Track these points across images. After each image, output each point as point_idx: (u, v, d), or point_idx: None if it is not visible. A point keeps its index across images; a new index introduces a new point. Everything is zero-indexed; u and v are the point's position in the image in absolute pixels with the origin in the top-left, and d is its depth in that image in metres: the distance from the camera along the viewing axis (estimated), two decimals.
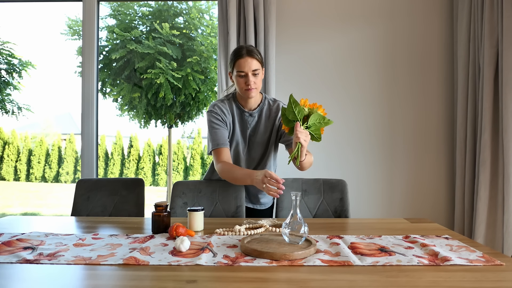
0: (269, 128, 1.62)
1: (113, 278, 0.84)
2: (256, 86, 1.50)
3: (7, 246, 1.08)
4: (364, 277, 0.84)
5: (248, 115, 1.60)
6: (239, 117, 1.61)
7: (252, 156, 1.66)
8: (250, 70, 1.47)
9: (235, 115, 1.60)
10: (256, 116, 1.61)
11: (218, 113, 1.56)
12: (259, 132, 1.62)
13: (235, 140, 1.63)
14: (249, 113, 1.60)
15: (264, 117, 1.61)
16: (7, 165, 10.04)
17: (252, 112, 1.60)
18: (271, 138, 1.64)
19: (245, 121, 1.61)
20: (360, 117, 2.46)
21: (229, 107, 1.60)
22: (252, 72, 1.47)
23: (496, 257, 0.99)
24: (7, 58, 6.35)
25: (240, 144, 1.64)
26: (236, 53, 1.50)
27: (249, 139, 1.64)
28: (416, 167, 2.46)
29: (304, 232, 1.07)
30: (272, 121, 1.62)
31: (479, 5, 2.16)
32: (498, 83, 2.14)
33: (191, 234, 1.21)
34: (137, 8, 5.98)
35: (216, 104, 1.59)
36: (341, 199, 1.76)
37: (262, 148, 1.65)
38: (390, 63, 2.45)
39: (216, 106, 1.58)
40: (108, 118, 9.62)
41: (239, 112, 1.61)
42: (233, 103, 1.61)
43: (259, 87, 1.53)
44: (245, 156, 1.66)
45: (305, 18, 2.46)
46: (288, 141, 1.59)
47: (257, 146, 1.64)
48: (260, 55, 1.52)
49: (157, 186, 9.46)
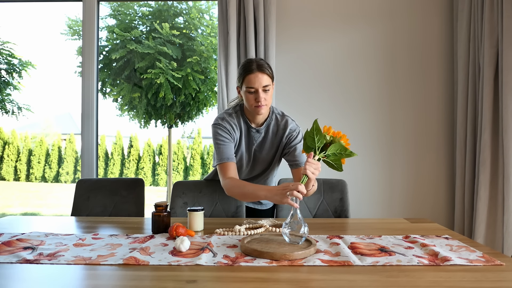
0: (276, 145, 1.56)
1: (113, 278, 0.84)
2: (266, 103, 1.42)
3: (7, 246, 1.08)
4: (364, 277, 0.84)
5: (254, 131, 1.54)
6: (246, 133, 1.55)
7: (254, 171, 1.63)
8: (260, 86, 1.39)
9: (242, 130, 1.54)
10: (263, 133, 1.55)
11: (226, 128, 1.49)
12: (265, 149, 1.57)
13: (238, 155, 1.58)
14: (256, 129, 1.53)
15: (271, 134, 1.55)
16: (7, 165, 10.04)
17: (259, 128, 1.53)
18: (276, 155, 1.59)
19: (251, 137, 1.55)
20: (360, 117, 2.46)
21: (237, 121, 1.52)
22: (263, 88, 1.39)
23: (496, 257, 0.99)
24: (7, 58, 6.35)
25: (244, 159, 1.59)
26: (246, 67, 1.41)
27: (254, 155, 1.59)
28: (416, 167, 2.46)
29: (304, 232, 1.07)
30: (279, 139, 1.55)
31: (479, 5, 2.16)
32: (498, 83, 2.14)
33: (191, 234, 1.21)
34: (137, 8, 5.98)
35: (225, 118, 1.51)
36: (341, 199, 1.76)
37: (266, 164, 1.61)
38: (390, 63, 2.45)
39: (225, 121, 1.50)
40: (108, 118, 9.61)
41: (246, 128, 1.54)
42: (241, 118, 1.53)
43: (270, 103, 1.45)
44: (247, 170, 1.63)
45: (305, 18, 2.46)
46: (292, 161, 1.52)
47: (261, 161, 1.60)
48: (270, 69, 1.43)
49: (157, 186, 9.46)
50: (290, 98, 2.46)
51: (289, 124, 1.54)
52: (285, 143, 1.55)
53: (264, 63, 1.43)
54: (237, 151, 1.56)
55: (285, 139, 1.54)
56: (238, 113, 1.54)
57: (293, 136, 1.54)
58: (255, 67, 1.39)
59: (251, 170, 1.63)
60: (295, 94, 2.45)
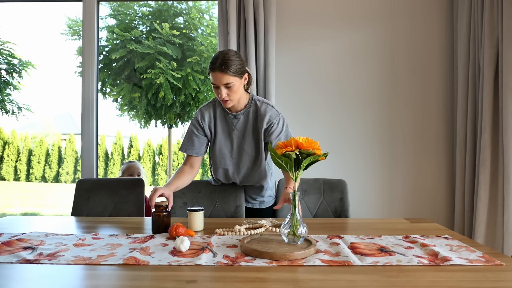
0: (257, 131, 1.58)
1: (113, 278, 0.84)
2: (230, 98, 1.47)
3: (7, 246, 1.08)
4: (364, 277, 0.84)
5: (232, 117, 1.58)
6: (223, 119, 1.60)
7: (243, 161, 1.63)
8: (221, 84, 1.43)
9: (217, 117, 1.60)
10: (242, 118, 1.58)
11: (197, 120, 1.60)
12: (247, 134, 1.59)
13: (217, 143, 1.61)
14: (233, 115, 1.58)
15: (251, 120, 1.58)
16: (7, 165, 10.04)
17: (236, 114, 1.57)
18: (260, 142, 1.59)
19: (229, 123, 1.59)
20: (360, 117, 2.46)
21: (213, 110, 1.60)
22: (225, 85, 1.43)
23: (496, 257, 0.99)
24: (7, 58, 6.35)
25: (225, 147, 1.62)
26: (210, 63, 1.46)
27: (237, 142, 1.61)
28: (416, 167, 2.46)
29: (302, 233, 1.06)
30: (260, 124, 1.57)
31: (479, 5, 2.16)
32: (498, 83, 2.14)
33: (191, 234, 1.21)
34: (137, 8, 5.98)
35: (201, 109, 1.61)
36: (341, 199, 1.76)
37: (253, 151, 1.61)
38: (390, 63, 2.45)
39: (199, 112, 1.61)
40: (108, 118, 9.64)
41: (223, 114, 1.60)
42: (218, 105, 1.60)
43: (235, 98, 1.48)
44: (234, 159, 1.63)
45: (305, 18, 2.46)
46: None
47: (247, 149, 1.61)
48: (236, 66, 1.43)
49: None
50: (290, 98, 2.46)
51: (269, 111, 1.57)
52: (265, 128, 1.57)
53: (229, 59, 1.42)
54: (215, 139, 1.62)
55: (266, 125, 1.56)
56: (216, 101, 1.62)
57: (273, 123, 1.56)
58: (217, 65, 1.42)
59: (239, 157, 1.62)
60: (295, 94, 2.45)
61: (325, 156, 1.07)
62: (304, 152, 1.05)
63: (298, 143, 1.05)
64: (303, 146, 1.05)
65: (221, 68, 1.41)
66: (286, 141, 1.09)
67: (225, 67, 1.41)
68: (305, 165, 1.06)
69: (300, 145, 1.05)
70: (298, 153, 1.06)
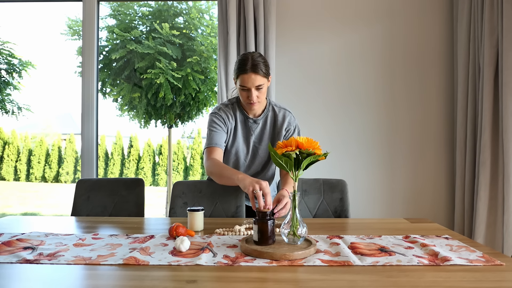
0: (276, 137, 1.57)
1: (113, 278, 0.84)
2: (259, 100, 1.45)
3: (7, 246, 1.08)
4: (364, 277, 0.84)
5: (252, 122, 1.56)
6: (243, 124, 1.57)
7: (254, 165, 1.63)
8: (253, 86, 1.41)
9: (238, 121, 1.56)
10: (261, 123, 1.57)
11: (221, 116, 1.53)
12: (264, 140, 1.58)
13: (235, 147, 1.59)
14: (253, 119, 1.56)
15: (269, 124, 1.57)
16: (7, 165, 10.04)
17: (256, 119, 1.56)
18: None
19: (248, 128, 1.57)
20: (360, 117, 2.46)
21: (233, 112, 1.56)
22: (256, 87, 1.42)
23: (496, 257, 0.99)
24: (7, 58, 6.34)
25: (241, 151, 1.60)
26: (240, 66, 1.42)
27: (253, 147, 1.60)
28: (416, 167, 2.46)
29: (302, 233, 1.06)
30: (279, 130, 1.56)
31: (479, 5, 2.16)
32: (498, 83, 2.14)
33: (191, 234, 1.21)
34: (137, 8, 5.97)
35: (221, 108, 1.56)
36: (341, 199, 1.76)
37: (266, 155, 1.61)
38: (390, 63, 2.45)
39: (221, 110, 1.55)
40: (108, 118, 9.63)
41: (242, 119, 1.57)
42: (237, 109, 1.57)
43: (263, 100, 1.48)
44: (247, 163, 1.63)
45: (305, 18, 2.46)
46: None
47: (261, 153, 1.60)
48: (265, 68, 1.43)
49: (157, 186, 9.46)
50: (290, 98, 2.46)
51: (287, 116, 1.57)
52: (283, 135, 1.58)
53: (260, 61, 1.42)
54: (233, 142, 1.58)
55: (285, 131, 1.57)
56: (235, 105, 1.58)
57: (290, 129, 1.58)
58: (249, 67, 1.40)
59: (251, 162, 1.63)
60: (295, 94, 2.45)
61: (325, 156, 1.08)
62: (304, 152, 1.06)
63: (298, 143, 1.06)
64: (303, 146, 1.06)
65: (254, 69, 1.39)
66: (286, 141, 1.09)
67: (258, 68, 1.40)
68: (305, 165, 1.07)
69: (300, 145, 1.06)
70: (298, 153, 1.07)
